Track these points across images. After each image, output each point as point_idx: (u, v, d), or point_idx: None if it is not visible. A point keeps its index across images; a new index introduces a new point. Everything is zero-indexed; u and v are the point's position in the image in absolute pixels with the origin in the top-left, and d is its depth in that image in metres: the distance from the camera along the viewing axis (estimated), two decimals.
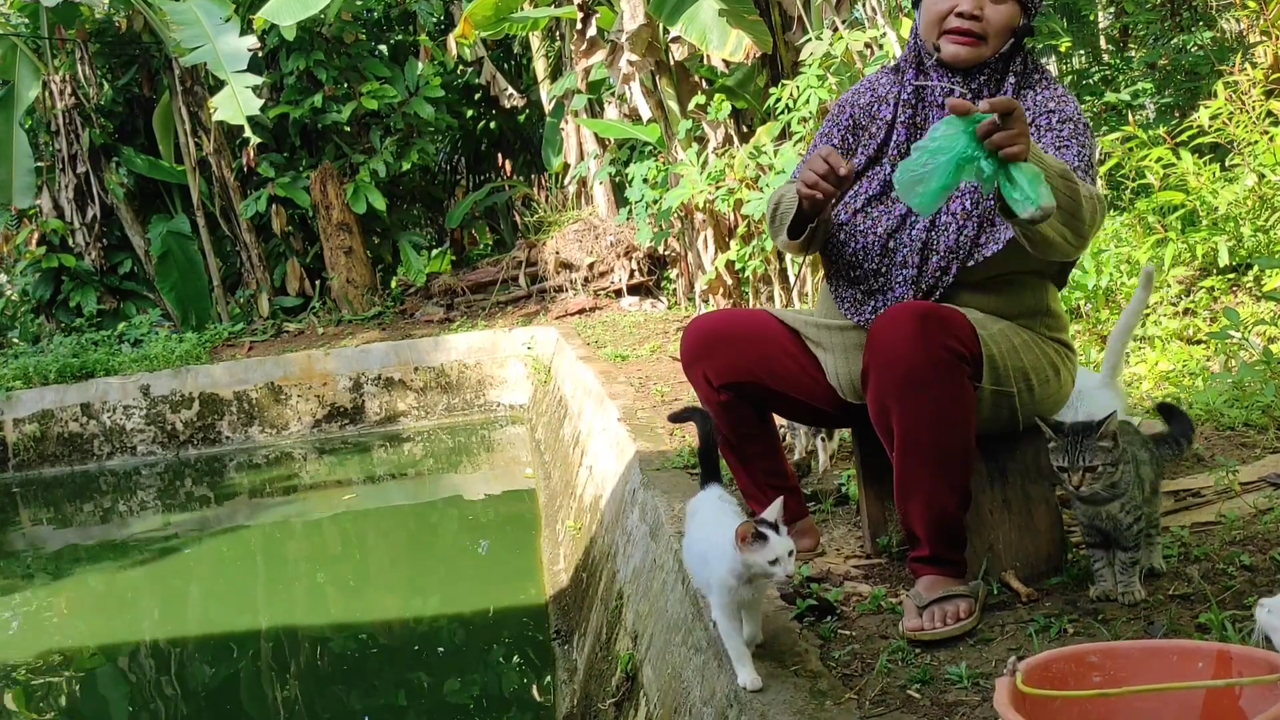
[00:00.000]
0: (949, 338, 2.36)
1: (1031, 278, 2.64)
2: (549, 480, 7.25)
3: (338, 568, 7.19)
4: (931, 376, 2.35)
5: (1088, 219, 2.33)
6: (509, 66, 15.19)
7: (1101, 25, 11.25)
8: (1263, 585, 2.40)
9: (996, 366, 2.50)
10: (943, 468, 2.42)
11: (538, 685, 4.92)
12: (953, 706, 2.06)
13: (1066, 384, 2.69)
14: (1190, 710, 1.66)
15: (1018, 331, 2.61)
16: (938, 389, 2.36)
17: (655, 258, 11.11)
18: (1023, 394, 2.56)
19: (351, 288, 12.17)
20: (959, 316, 2.44)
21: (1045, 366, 2.61)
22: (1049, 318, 2.68)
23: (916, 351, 2.34)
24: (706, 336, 2.78)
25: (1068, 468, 2.34)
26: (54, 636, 6.21)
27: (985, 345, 2.47)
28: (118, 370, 10.66)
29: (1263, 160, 5.28)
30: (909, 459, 2.44)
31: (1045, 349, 2.64)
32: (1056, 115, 2.52)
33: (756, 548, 2.16)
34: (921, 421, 2.39)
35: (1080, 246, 2.40)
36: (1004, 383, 2.52)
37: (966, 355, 2.40)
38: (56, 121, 12.19)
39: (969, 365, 2.41)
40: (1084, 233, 2.35)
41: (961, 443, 2.43)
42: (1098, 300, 5.32)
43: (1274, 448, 3.47)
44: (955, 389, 2.38)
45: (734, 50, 7.53)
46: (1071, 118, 2.53)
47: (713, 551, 2.26)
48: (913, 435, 2.41)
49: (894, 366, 2.38)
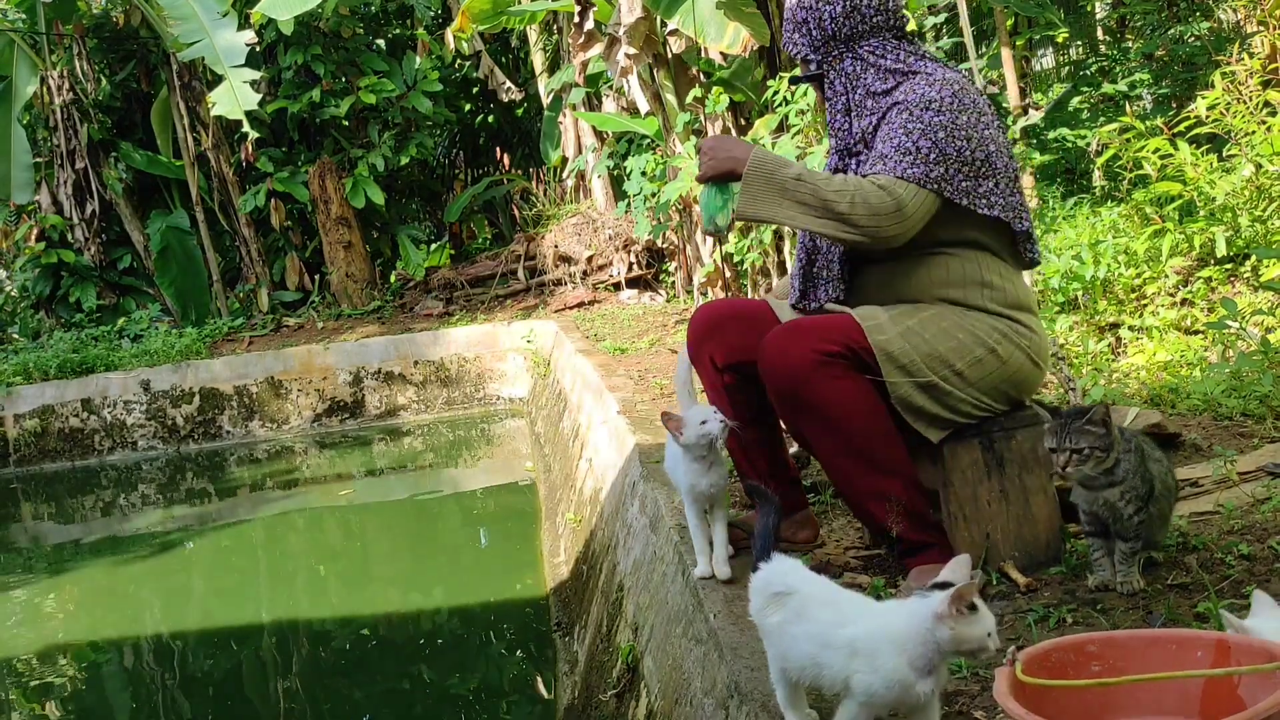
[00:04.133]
0: (814, 340, 2.55)
1: (947, 251, 2.67)
2: (549, 473, 7.26)
3: (339, 561, 7.20)
4: (806, 382, 2.54)
5: (845, 209, 2.54)
6: (507, 60, 15.17)
7: (1099, 16, 11.23)
8: (1261, 574, 2.41)
9: (894, 355, 2.57)
10: (862, 458, 2.57)
11: (539, 677, 4.93)
12: (952, 696, 2.07)
13: (1014, 359, 2.66)
14: (1189, 699, 1.67)
15: (920, 311, 2.64)
16: (819, 389, 2.54)
17: (654, 250, 11.10)
18: (950, 380, 2.60)
19: (351, 282, 12.17)
20: (834, 319, 2.63)
21: (972, 346, 2.62)
22: (986, 289, 2.68)
23: (786, 364, 2.56)
24: (713, 317, 2.91)
25: (1056, 449, 2.38)
26: (55, 631, 6.22)
27: (872, 335, 2.58)
28: (118, 365, 10.67)
29: (1260, 150, 5.28)
30: (830, 463, 2.64)
31: (974, 327, 2.64)
32: (897, 106, 2.66)
33: (969, 620, 1.73)
34: (820, 424, 2.58)
35: (862, 230, 2.55)
36: (916, 372, 2.58)
37: (839, 350, 2.55)
38: (55, 117, 12.18)
39: (846, 359, 2.55)
40: (853, 220, 2.54)
41: (867, 430, 2.56)
42: (1095, 291, 5.32)
43: (1272, 437, 3.48)
44: (836, 384, 2.54)
45: (731, 43, 7.53)
46: (917, 106, 2.62)
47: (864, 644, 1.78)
48: (820, 439, 2.61)
49: (777, 386, 2.59)
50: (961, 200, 2.60)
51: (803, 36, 2.80)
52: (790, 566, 2.00)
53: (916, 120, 2.60)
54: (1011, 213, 2.66)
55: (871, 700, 1.76)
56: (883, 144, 2.65)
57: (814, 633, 1.84)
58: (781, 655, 1.93)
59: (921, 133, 2.59)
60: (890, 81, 2.71)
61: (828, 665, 1.81)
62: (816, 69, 2.83)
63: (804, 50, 2.82)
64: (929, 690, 1.75)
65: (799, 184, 2.58)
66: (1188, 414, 3.91)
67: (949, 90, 2.63)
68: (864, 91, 2.74)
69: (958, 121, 2.60)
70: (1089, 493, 2.42)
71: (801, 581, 1.95)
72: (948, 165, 2.59)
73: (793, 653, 1.89)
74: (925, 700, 1.76)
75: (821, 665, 1.82)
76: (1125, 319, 5.20)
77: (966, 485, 2.65)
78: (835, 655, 1.80)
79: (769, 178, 2.62)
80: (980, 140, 2.62)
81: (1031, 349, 2.69)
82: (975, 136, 2.62)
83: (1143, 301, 5.29)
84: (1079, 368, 4.73)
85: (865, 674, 1.75)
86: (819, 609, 1.87)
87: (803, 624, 1.87)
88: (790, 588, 1.93)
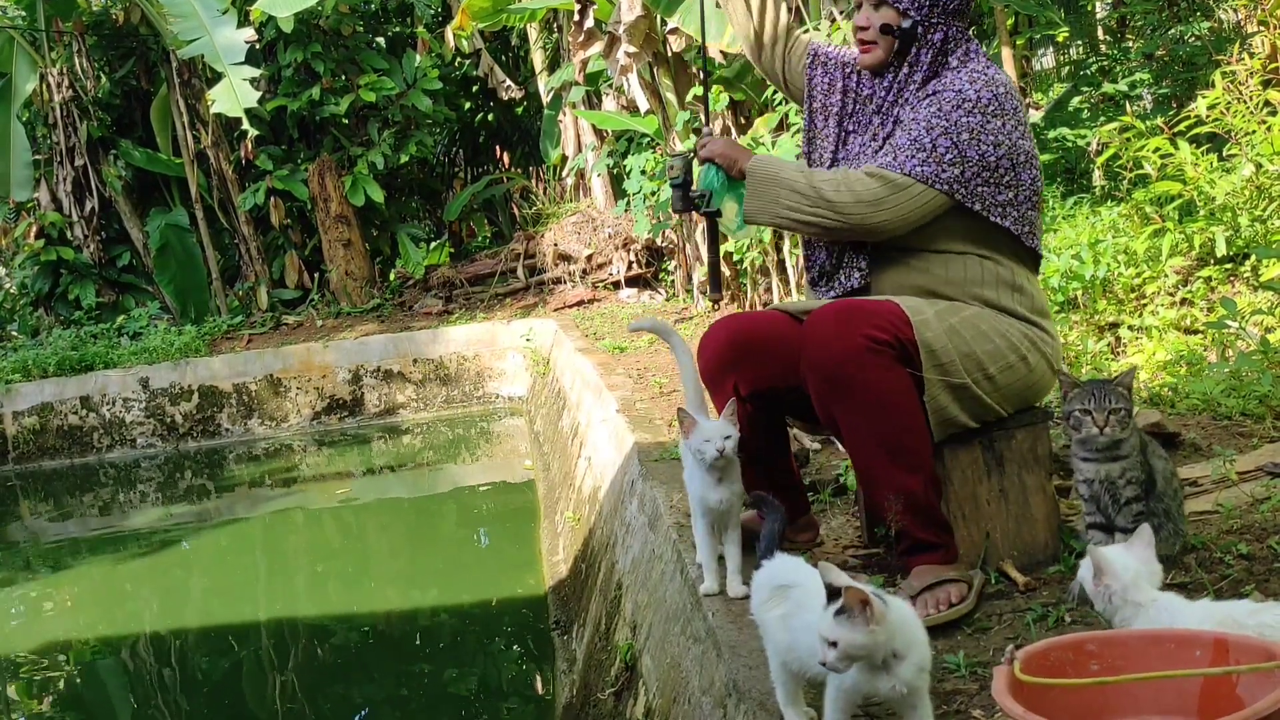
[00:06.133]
0: (867, 327, 2.47)
1: (978, 253, 2.64)
2: (548, 471, 7.26)
3: (337, 559, 7.20)
4: (854, 367, 2.46)
5: (832, 194, 2.57)
6: (506, 58, 15.16)
7: (1099, 15, 11.23)
8: (1260, 574, 2.41)
9: (936, 353, 2.52)
10: (893, 452, 2.50)
11: (537, 675, 4.94)
12: (950, 695, 2.07)
13: (1039, 367, 2.65)
14: (1188, 698, 1.67)
15: (961, 310, 2.60)
16: (865, 376, 2.46)
17: (653, 249, 11.09)
18: (981, 383, 2.57)
19: (350, 280, 12.16)
20: (885, 306, 2.54)
21: (1006, 352, 2.60)
22: (1017, 293, 2.67)
23: (837, 347, 2.47)
24: (738, 345, 2.81)
25: (1093, 409, 2.37)
26: (54, 628, 6.22)
27: (919, 330, 2.52)
28: (117, 363, 10.67)
29: (1260, 150, 5.28)
30: (859, 450, 2.56)
31: (1008, 332, 2.62)
32: (932, 97, 2.60)
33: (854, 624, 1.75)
34: (859, 411, 2.49)
35: (848, 216, 2.57)
36: (952, 373, 2.54)
37: (889, 340, 2.48)
38: (54, 114, 12.16)
39: (894, 349, 2.48)
40: (839, 206, 2.57)
41: (904, 425, 2.50)
42: (1095, 290, 5.32)
43: (1271, 437, 3.48)
44: (882, 374, 2.47)
45: (732, 41, 7.52)
46: (950, 102, 2.56)
47: None
48: (855, 427, 2.52)
49: (821, 366, 2.50)
50: (975, 205, 2.57)
51: None
52: (793, 562, 2.09)
53: (944, 118, 2.56)
54: (1024, 228, 2.63)
55: (842, 682, 1.81)
56: (901, 133, 2.61)
57: (812, 623, 1.88)
58: (783, 649, 1.97)
59: (944, 131, 2.55)
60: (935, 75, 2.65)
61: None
62: (910, 26, 2.65)
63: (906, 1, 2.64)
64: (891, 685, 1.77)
65: (796, 174, 2.65)
66: (1187, 413, 3.91)
67: (989, 92, 2.57)
68: (923, 75, 2.66)
69: (988, 126, 2.55)
70: (1094, 465, 2.41)
71: (803, 576, 2.01)
72: (965, 168, 2.55)
73: (795, 644, 1.94)
74: (905, 694, 1.79)
75: (816, 654, 1.85)
76: (1125, 319, 5.19)
77: (966, 484, 2.65)
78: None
79: (769, 175, 2.67)
80: (1011, 149, 2.57)
81: (1052, 356, 2.70)
82: (1005, 144, 2.56)
83: (1142, 301, 5.29)
84: (1078, 368, 4.73)
85: None
86: (818, 600, 1.88)
87: (804, 615, 1.92)
88: (793, 581, 2.01)
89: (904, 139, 2.58)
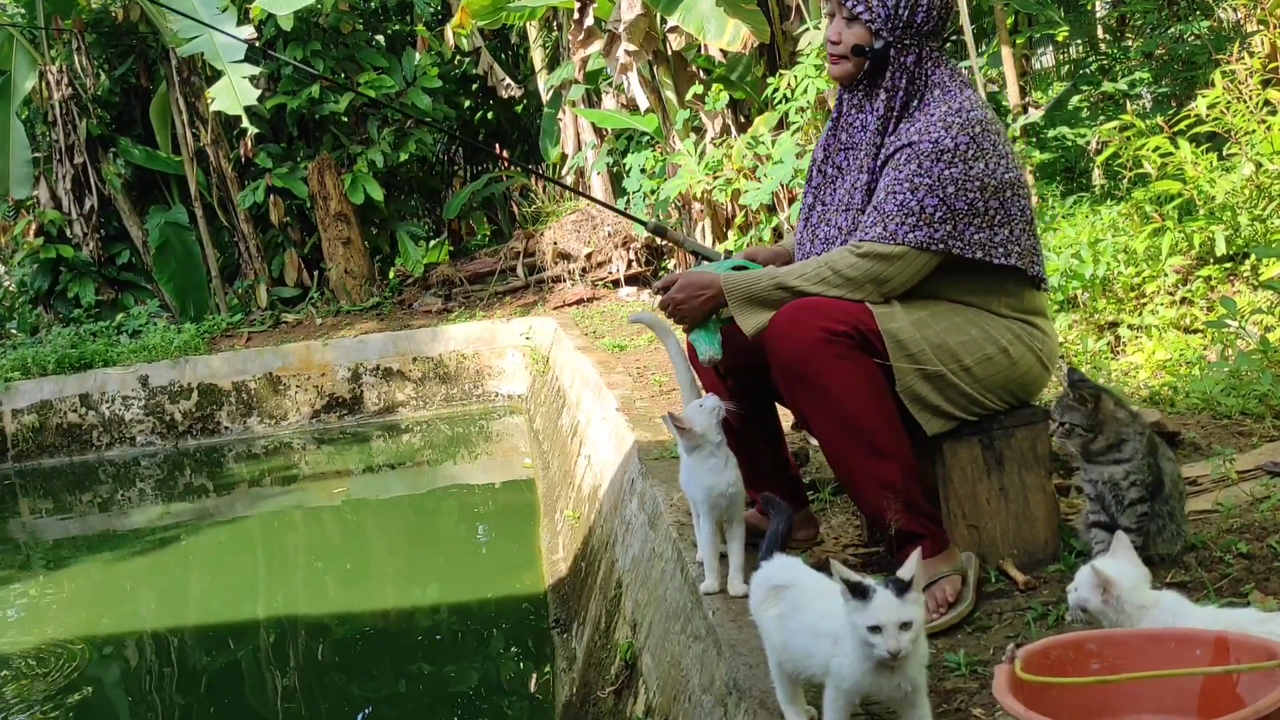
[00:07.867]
0: (823, 320, 2.50)
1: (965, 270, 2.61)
2: (547, 470, 7.26)
3: (336, 558, 7.20)
4: (813, 358, 2.50)
5: (846, 271, 2.56)
6: (506, 57, 15.16)
7: (1099, 14, 11.22)
8: (1260, 573, 2.41)
9: (903, 342, 2.54)
10: (860, 439, 2.51)
11: (537, 673, 4.94)
12: (951, 693, 2.07)
13: (1024, 360, 2.63)
14: (1188, 696, 1.67)
15: (930, 305, 2.60)
16: (822, 366, 2.49)
17: (653, 248, 11.09)
18: (959, 374, 2.57)
19: (349, 278, 12.15)
20: (842, 303, 2.56)
21: (983, 343, 2.59)
22: (1006, 296, 2.66)
23: (795, 338, 2.51)
24: None
25: (1055, 417, 2.52)
26: (53, 626, 6.22)
27: (882, 321, 2.54)
28: (116, 361, 10.67)
29: (1260, 149, 5.27)
30: (828, 441, 2.58)
31: (987, 325, 2.62)
32: (909, 149, 2.56)
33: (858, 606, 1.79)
34: (821, 401, 2.52)
35: (868, 286, 2.56)
36: (923, 361, 2.54)
37: (846, 330, 2.50)
38: (53, 112, 12.15)
39: (852, 339, 2.51)
40: (855, 280, 2.56)
41: (869, 411, 2.51)
42: (1094, 289, 5.32)
43: (1271, 436, 3.49)
44: (841, 363, 2.49)
45: (731, 40, 7.52)
46: (929, 155, 2.52)
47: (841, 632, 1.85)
48: (818, 416, 2.56)
49: (781, 360, 2.54)
50: (975, 254, 2.54)
51: (881, 5, 2.59)
52: (791, 563, 2.10)
53: (925, 174, 2.52)
54: (1027, 258, 2.61)
55: (842, 684, 1.83)
56: (885, 196, 2.56)
57: (808, 624, 1.92)
58: (778, 648, 1.98)
59: (928, 189, 2.51)
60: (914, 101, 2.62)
61: (816, 654, 1.89)
62: (882, 47, 2.62)
63: (878, 19, 2.60)
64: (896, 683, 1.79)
65: (776, 291, 2.62)
66: (1186, 413, 3.92)
67: (965, 136, 2.52)
68: (901, 101, 2.63)
69: (971, 172, 2.52)
70: (1094, 468, 2.46)
71: (800, 576, 2.03)
72: (957, 222, 2.52)
73: (789, 644, 1.96)
74: (905, 693, 1.80)
75: (811, 654, 1.90)
76: (1124, 318, 5.20)
77: (966, 483, 2.65)
78: (821, 644, 1.88)
79: (748, 298, 2.64)
80: (997, 187, 2.54)
81: (1043, 351, 2.68)
82: (991, 184, 2.53)
83: (1142, 300, 5.29)
84: (1078, 367, 4.73)
85: (838, 659, 1.83)
86: (814, 601, 1.94)
87: (799, 616, 1.95)
88: (789, 581, 2.03)
89: (891, 205, 2.54)
